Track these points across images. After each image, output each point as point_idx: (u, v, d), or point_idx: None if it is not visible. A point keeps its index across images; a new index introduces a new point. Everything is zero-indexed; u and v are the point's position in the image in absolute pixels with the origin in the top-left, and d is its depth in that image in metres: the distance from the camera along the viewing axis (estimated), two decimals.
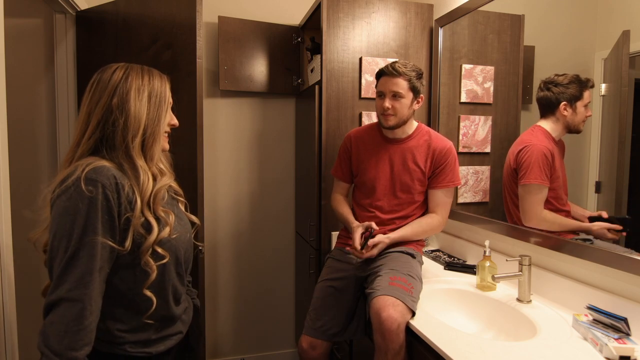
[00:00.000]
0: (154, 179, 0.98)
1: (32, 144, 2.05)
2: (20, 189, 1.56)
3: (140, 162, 0.95)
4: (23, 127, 2.00)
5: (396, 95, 1.58)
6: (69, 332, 0.82)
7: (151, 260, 0.94)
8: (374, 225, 1.56)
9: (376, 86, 1.65)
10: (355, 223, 1.62)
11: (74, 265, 0.84)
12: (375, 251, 1.53)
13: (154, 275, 0.94)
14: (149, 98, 0.98)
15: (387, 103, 1.58)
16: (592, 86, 1.36)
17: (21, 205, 1.41)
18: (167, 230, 0.97)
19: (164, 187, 1.00)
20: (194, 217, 1.14)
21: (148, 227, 0.94)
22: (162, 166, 1.02)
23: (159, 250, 0.96)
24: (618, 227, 1.26)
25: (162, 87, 1.02)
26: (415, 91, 1.60)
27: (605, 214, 1.31)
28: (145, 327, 0.98)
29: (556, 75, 1.46)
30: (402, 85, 1.57)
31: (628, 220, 1.24)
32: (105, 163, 0.91)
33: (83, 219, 0.85)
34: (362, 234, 1.55)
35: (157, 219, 0.96)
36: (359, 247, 1.51)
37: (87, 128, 0.95)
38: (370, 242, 1.51)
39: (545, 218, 1.48)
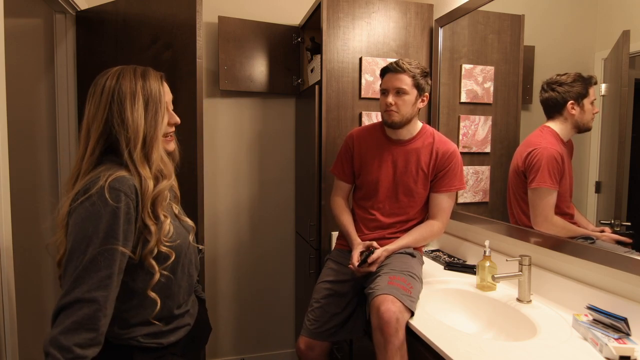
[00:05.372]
0: (156, 182, 0.99)
1: (32, 144, 2.05)
2: (21, 189, 1.56)
3: (142, 170, 0.96)
4: (23, 127, 2.00)
5: (400, 92, 1.56)
6: (80, 330, 0.82)
7: (154, 262, 0.96)
8: (375, 244, 1.55)
9: (380, 84, 1.63)
10: (356, 241, 1.59)
11: (93, 269, 0.85)
12: (373, 267, 1.50)
13: (156, 276, 0.96)
14: (145, 106, 0.98)
15: (391, 99, 1.56)
16: (596, 83, 1.35)
17: (21, 206, 1.41)
18: (166, 231, 0.98)
19: (164, 189, 1.00)
20: (189, 221, 1.13)
21: (149, 232, 0.95)
22: (163, 167, 1.02)
23: (164, 249, 0.97)
24: (628, 240, 1.23)
25: (158, 89, 1.01)
26: (419, 89, 1.58)
27: (608, 231, 1.29)
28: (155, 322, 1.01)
29: (558, 75, 1.44)
30: (406, 81, 1.55)
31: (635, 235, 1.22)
32: (124, 173, 0.93)
33: (105, 226, 0.87)
34: (362, 252, 1.54)
35: (157, 222, 0.97)
36: (356, 264, 1.49)
37: (88, 142, 0.96)
38: (370, 259, 1.49)
39: (555, 223, 1.46)
